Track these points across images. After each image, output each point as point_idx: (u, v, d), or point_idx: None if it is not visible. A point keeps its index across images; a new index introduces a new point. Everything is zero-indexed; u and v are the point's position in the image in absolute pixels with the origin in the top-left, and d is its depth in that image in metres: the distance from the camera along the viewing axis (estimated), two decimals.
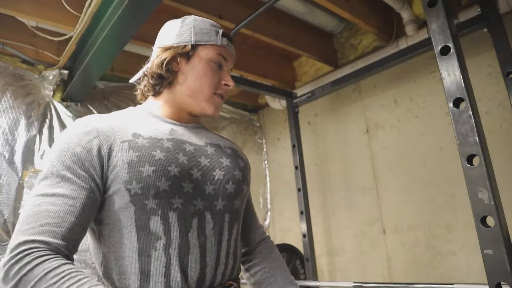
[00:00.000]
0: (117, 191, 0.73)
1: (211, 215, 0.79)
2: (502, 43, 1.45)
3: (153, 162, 0.75)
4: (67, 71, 2.10)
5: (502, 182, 1.02)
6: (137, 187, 0.72)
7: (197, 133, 0.90)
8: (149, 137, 0.78)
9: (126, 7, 1.44)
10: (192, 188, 0.78)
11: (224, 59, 0.89)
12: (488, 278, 0.88)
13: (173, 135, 0.83)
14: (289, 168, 2.73)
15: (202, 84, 0.86)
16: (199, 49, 0.87)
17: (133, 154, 0.74)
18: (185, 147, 0.82)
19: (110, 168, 0.73)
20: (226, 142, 0.97)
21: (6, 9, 1.65)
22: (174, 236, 0.73)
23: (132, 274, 0.72)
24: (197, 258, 0.75)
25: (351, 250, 2.34)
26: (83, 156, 0.72)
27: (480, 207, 0.90)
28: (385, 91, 2.25)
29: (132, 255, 0.72)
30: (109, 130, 0.76)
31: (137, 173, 0.73)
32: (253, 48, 2.50)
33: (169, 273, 0.72)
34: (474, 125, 0.92)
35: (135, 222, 0.72)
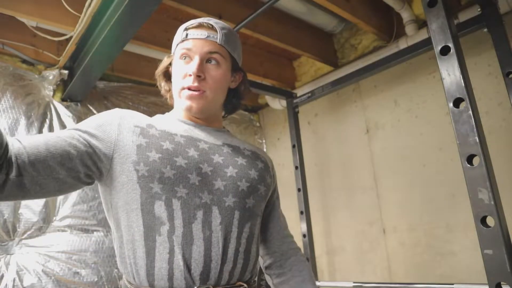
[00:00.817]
0: (126, 170, 0.77)
1: (219, 210, 0.80)
2: (502, 43, 1.45)
3: (160, 150, 0.79)
4: (67, 71, 2.10)
5: (502, 182, 1.02)
6: (144, 169, 0.76)
7: (217, 135, 0.93)
8: (162, 130, 0.83)
9: (126, 7, 1.44)
10: (199, 181, 0.80)
11: (189, 50, 0.88)
12: (488, 278, 0.88)
13: (188, 133, 0.87)
14: (289, 168, 2.73)
15: (174, 83, 0.91)
16: (174, 54, 0.93)
17: (143, 139, 0.79)
18: (199, 144, 0.85)
19: (120, 144, 0.78)
20: (248, 146, 0.98)
21: (6, 9, 1.64)
22: (178, 224, 0.75)
23: (140, 258, 0.74)
24: (201, 251, 0.75)
25: (351, 250, 2.34)
26: (100, 122, 0.80)
27: (480, 207, 0.90)
28: (385, 91, 2.25)
29: (139, 239, 0.75)
30: (128, 116, 0.83)
31: (144, 156, 0.77)
32: (253, 48, 2.50)
33: (172, 260, 0.74)
34: (474, 125, 0.92)
35: (141, 205, 0.75)
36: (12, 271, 1.77)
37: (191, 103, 0.87)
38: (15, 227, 1.83)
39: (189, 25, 0.91)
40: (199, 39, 0.88)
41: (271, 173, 0.99)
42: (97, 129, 0.79)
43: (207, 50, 0.88)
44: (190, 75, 0.86)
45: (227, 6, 1.88)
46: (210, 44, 0.89)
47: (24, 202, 1.88)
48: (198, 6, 1.76)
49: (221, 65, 0.90)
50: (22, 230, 1.85)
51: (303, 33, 2.28)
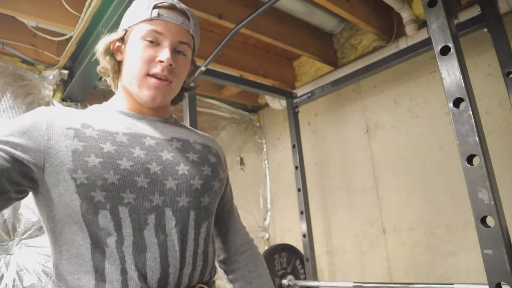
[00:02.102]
0: (62, 180, 0.68)
1: (173, 212, 0.74)
2: (502, 43, 1.45)
3: (101, 154, 0.70)
4: (67, 71, 2.10)
5: (502, 182, 1.02)
6: (83, 176, 0.67)
7: (164, 127, 0.84)
8: (100, 130, 0.73)
9: (126, 7, 1.44)
10: (148, 183, 0.73)
11: (159, 34, 0.78)
12: (488, 278, 0.88)
13: (131, 130, 0.77)
14: (289, 168, 2.73)
15: (133, 66, 0.78)
16: (132, 31, 0.80)
17: (78, 143, 0.69)
18: (144, 141, 0.77)
19: (51, 152, 0.68)
20: (198, 138, 0.90)
21: (6, 9, 1.64)
22: (127, 233, 0.69)
23: (87, 273, 0.67)
24: (156, 257, 0.70)
25: (351, 250, 2.34)
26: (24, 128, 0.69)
27: (480, 207, 0.90)
28: (385, 91, 2.25)
29: (85, 253, 0.68)
30: (58, 115, 0.73)
31: (82, 162, 0.68)
32: (253, 48, 2.50)
33: (125, 271, 0.67)
34: (474, 125, 0.92)
35: (83, 216, 0.68)
36: (12, 271, 1.77)
37: (156, 94, 0.78)
38: (15, 227, 1.83)
39: (159, 3, 0.80)
40: (173, 24, 0.80)
41: (223, 166, 0.91)
42: (21, 136, 0.68)
43: (179, 39, 0.80)
44: (161, 61, 0.77)
45: (227, 6, 1.88)
46: (183, 33, 0.81)
47: (24, 202, 1.88)
48: (198, 6, 1.76)
49: (187, 56, 0.84)
50: (22, 230, 1.85)
51: (303, 33, 2.28)
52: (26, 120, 0.71)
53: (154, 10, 0.79)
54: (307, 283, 1.94)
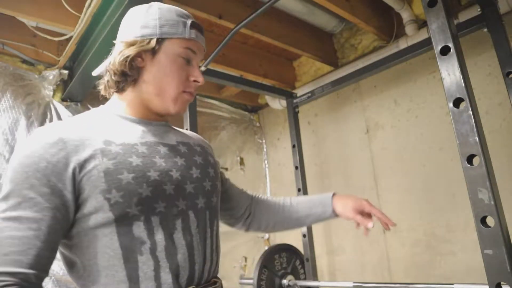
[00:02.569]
0: (94, 202, 0.68)
1: (194, 214, 0.79)
2: (502, 43, 1.45)
3: (131, 169, 0.71)
4: (67, 71, 2.10)
5: (502, 182, 1.02)
6: (117, 195, 0.68)
7: (166, 131, 0.87)
8: (121, 143, 0.74)
9: (126, 7, 1.44)
10: (174, 190, 0.76)
11: (193, 53, 0.83)
12: (488, 278, 0.88)
13: (146, 138, 0.79)
14: (289, 168, 2.73)
15: (169, 82, 0.80)
16: (165, 43, 0.80)
17: (108, 162, 0.70)
18: (160, 149, 0.79)
19: (84, 179, 0.68)
20: (194, 140, 0.94)
21: (6, 9, 1.64)
22: (159, 239, 0.72)
23: (120, 282, 0.69)
24: (185, 258, 0.75)
25: (351, 250, 2.34)
26: (48, 171, 0.66)
27: (480, 207, 0.90)
28: (385, 91, 2.25)
29: (117, 263, 0.69)
30: (77, 139, 0.70)
31: (116, 181, 0.69)
32: (253, 48, 2.50)
33: (159, 276, 0.71)
34: (474, 125, 0.91)
35: (116, 229, 0.69)
36: None
37: (185, 107, 0.84)
38: None
39: (194, 23, 0.83)
40: (201, 45, 0.85)
41: (218, 164, 0.97)
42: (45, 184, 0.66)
43: (202, 57, 0.88)
44: (197, 82, 0.83)
45: (227, 6, 1.88)
46: (204, 52, 0.88)
47: None
48: (198, 6, 1.76)
49: None
50: None
51: (303, 33, 2.28)
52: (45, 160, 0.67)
53: (192, 30, 0.82)
54: (307, 283, 1.94)
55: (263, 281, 1.84)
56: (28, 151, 0.68)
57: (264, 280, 1.85)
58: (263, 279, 1.85)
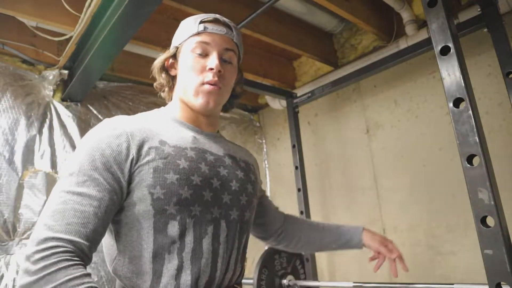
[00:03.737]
0: (139, 193, 0.75)
1: (226, 224, 0.82)
2: (502, 43, 1.45)
3: (178, 171, 0.77)
4: (67, 71, 2.10)
5: (502, 182, 1.02)
6: (160, 192, 0.74)
7: (216, 142, 0.91)
8: (174, 146, 0.80)
9: (126, 7, 1.44)
10: (211, 197, 0.81)
11: (207, 44, 0.86)
12: (488, 278, 0.88)
13: (196, 144, 0.85)
14: (289, 168, 2.73)
15: (188, 77, 0.86)
16: (182, 47, 0.89)
17: (160, 160, 0.76)
18: (207, 157, 0.84)
19: (137, 171, 0.75)
20: (241, 154, 0.99)
21: (6, 9, 1.64)
22: (188, 241, 0.76)
23: (145, 273, 0.74)
24: (208, 263, 0.77)
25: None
26: (112, 158, 0.74)
27: (480, 207, 0.90)
28: (385, 91, 2.25)
29: (147, 256, 0.74)
30: (138, 134, 0.78)
31: (161, 179, 0.75)
32: (253, 48, 2.50)
33: (179, 276, 0.75)
34: (474, 125, 0.91)
35: (154, 224, 0.74)
36: (12, 271, 1.77)
37: (209, 99, 0.85)
38: (15, 227, 1.83)
39: (204, 18, 0.89)
40: (218, 34, 0.88)
41: (259, 181, 1.02)
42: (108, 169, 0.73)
43: (225, 46, 0.88)
44: (211, 69, 0.84)
45: (227, 6, 1.88)
46: (228, 41, 0.89)
47: (24, 202, 1.88)
48: (198, 6, 1.76)
49: (233, 63, 0.92)
50: (22, 230, 1.85)
51: (303, 33, 2.28)
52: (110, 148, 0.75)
53: (201, 24, 0.87)
54: (307, 283, 1.94)
55: (263, 281, 1.84)
56: (97, 137, 0.76)
57: (264, 280, 1.85)
58: (263, 279, 1.85)
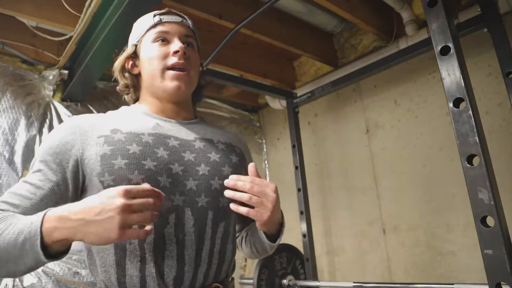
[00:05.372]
0: (91, 183, 0.75)
1: (192, 212, 0.77)
2: (502, 43, 1.45)
3: (127, 156, 0.74)
4: (67, 71, 2.10)
5: (502, 182, 1.02)
6: (109, 179, 0.72)
7: (189, 128, 0.88)
8: (128, 132, 0.78)
9: (126, 7, 1.44)
10: (170, 183, 0.76)
11: (166, 33, 0.87)
12: (488, 278, 0.88)
13: (157, 130, 0.82)
14: (289, 168, 2.72)
15: (152, 66, 0.85)
16: (141, 42, 0.89)
17: (107, 148, 0.75)
18: (168, 142, 0.81)
19: (85, 162, 0.75)
20: (222, 137, 0.93)
21: (6, 9, 1.64)
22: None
23: (110, 266, 0.73)
24: (173, 255, 0.73)
25: (351, 250, 2.34)
26: (58, 149, 0.75)
27: (480, 207, 0.90)
28: (385, 91, 2.25)
29: (109, 248, 0.73)
30: (89, 126, 0.79)
31: (109, 165, 0.73)
32: (253, 48, 2.50)
33: (144, 267, 0.72)
34: (474, 125, 0.92)
35: None
36: None
37: (179, 83, 0.83)
38: None
39: (158, 12, 0.90)
40: (175, 23, 0.88)
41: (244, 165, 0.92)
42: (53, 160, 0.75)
43: (185, 33, 0.88)
44: (176, 51, 0.83)
45: (227, 6, 1.88)
46: (186, 28, 0.90)
47: None
48: (198, 6, 1.76)
49: (195, 49, 0.91)
50: None
51: (303, 33, 2.28)
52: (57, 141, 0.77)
53: (156, 17, 0.88)
54: (307, 283, 1.94)
55: (263, 281, 1.84)
56: (51, 133, 0.81)
57: (264, 280, 1.85)
58: (263, 279, 1.85)
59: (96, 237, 0.61)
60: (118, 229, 0.60)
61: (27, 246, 0.62)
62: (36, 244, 0.61)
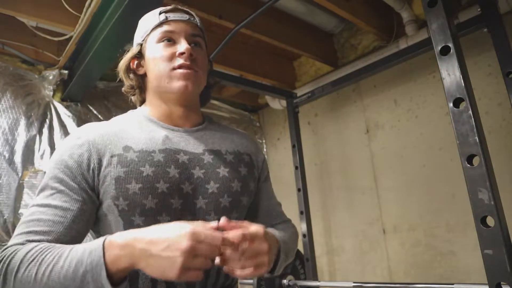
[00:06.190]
0: (106, 205, 0.73)
1: None
2: (502, 43, 1.45)
3: (140, 179, 0.73)
4: (67, 71, 2.10)
5: (502, 182, 1.02)
6: (123, 203, 0.72)
7: (196, 138, 0.85)
8: (140, 150, 0.76)
9: (126, 7, 1.44)
10: (181, 204, 0.76)
11: (172, 32, 0.83)
12: (488, 278, 0.88)
13: (166, 145, 0.79)
14: (289, 168, 2.72)
15: (158, 67, 0.82)
16: (147, 41, 0.86)
17: (121, 170, 0.73)
18: (178, 158, 0.79)
19: (100, 182, 0.73)
20: (230, 145, 0.90)
21: (6, 9, 1.64)
22: None
23: None
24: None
25: (351, 250, 2.34)
26: (74, 169, 0.73)
27: (480, 207, 0.90)
28: (385, 91, 2.25)
29: None
30: (101, 142, 0.76)
31: (123, 189, 0.72)
32: (253, 48, 2.50)
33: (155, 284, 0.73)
34: (474, 125, 0.91)
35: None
36: None
37: (186, 82, 0.80)
38: (15, 227, 1.83)
39: (164, 9, 0.86)
40: (182, 21, 0.84)
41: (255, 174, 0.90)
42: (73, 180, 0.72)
43: (191, 32, 0.85)
44: (182, 53, 0.80)
45: (227, 6, 1.88)
46: (193, 27, 0.86)
47: (24, 202, 1.88)
48: (198, 6, 1.76)
49: (203, 48, 0.88)
50: None
51: (303, 33, 2.28)
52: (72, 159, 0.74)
53: (161, 15, 0.84)
54: (307, 283, 1.94)
55: (263, 281, 1.84)
56: (61, 150, 0.76)
57: (264, 280, 1.85)
58: (263, 279, 1.84)
59: (157, 271, 0.60)
60: (178, 270, 0.58)
61: (88, 278, 0.59)
62: (101, 275, 0.58)
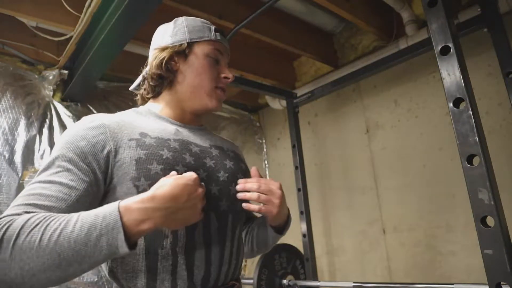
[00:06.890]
0: (124, 188, 0.72)
1: (216, 215, 0.80)
2: (502, 43, 1.45)
3: (161, 161, 0.75)
4: (67, 71, 2.10)
5: (502, 182, 1.02)
6: (145, 183, 0.72)
7: (201, 135, 0.91)
8: (156, 137, 0.79)
9: (126, 7, 1.44)
10: None
11: (220, 53, 0.91)
12: (488, 278, 0.88)
13: (179, 136, 0.84)
14: (289, 168, 2.73)
15: (202, 79, 0.87)
16: (195, 46, 0.88)
17: (141, 152, 0.74)
18: (191, 148, 0.83)
19: (117, 165, 0.72)
20: (228, 145, 0.98)
21: (6, 9, 1.64)
22: (180, 234, 0.74)
23: (139, 271, 0.73)
24: (202, 257, 0.76)
25: (351, 250, 2.34)
26: (87, 149, 0.71)
27: (480, 207, 0.90)
28: (385, 91, 2.25)
29: (139, 253, 0.73)
30: (116, 127, 0.76)
31: (145, 170, 0.73)
32: (253, 48, 2.50)
33: (175, 271, 0.73)
34: (474, 125, 0.92)
35: None
36: None
37: (219, 104, 0.90)
38: None
39: (216, 28, 0.92)
40: (225, 45, 0.93)
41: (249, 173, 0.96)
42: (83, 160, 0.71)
43: (228, 60, 0.95)
44: (227, 78, 0.90)
45: (227, 6, 1.88)
46: (229, 52, 0.96)
47: None
48: (198, 6, 1.76)
49: None
50: None
51: (303, 33, 2.28)
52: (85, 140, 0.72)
53: (217, 33, 0.91)
54: (307, 283, 1.94)
55: (263, 281, 1.84)
56: (72, 131, 0.75)
57: (264, 280, 1.85)
58: (263, 279, 1.84)
59: (181, 222, 0.68)
60: (199, 214, 0.70)
61: (102, 242, 0.59)
62: (118, 238, 0.59)
